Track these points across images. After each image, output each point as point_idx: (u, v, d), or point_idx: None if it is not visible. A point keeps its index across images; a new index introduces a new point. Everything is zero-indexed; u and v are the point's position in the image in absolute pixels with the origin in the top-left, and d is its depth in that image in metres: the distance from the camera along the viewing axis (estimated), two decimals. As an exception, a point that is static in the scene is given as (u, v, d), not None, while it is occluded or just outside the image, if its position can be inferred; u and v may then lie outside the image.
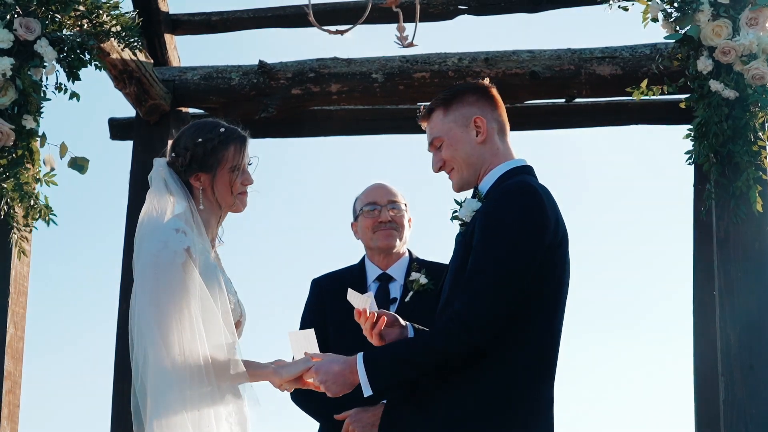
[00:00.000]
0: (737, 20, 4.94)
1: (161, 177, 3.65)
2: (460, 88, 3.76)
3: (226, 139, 3.68)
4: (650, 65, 5.84)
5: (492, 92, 3.73)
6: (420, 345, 3.49)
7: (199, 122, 3.77)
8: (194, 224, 3.60)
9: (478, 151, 3.64)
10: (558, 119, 6.62)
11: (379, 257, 4.68)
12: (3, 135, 4.90)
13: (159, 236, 3.55)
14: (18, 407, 4.98)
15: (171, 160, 3.70)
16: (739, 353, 4.87)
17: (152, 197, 3.63)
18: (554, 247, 3.48)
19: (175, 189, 3.63)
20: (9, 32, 4.95)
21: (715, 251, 5.05)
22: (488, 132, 3.65)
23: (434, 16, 6.39)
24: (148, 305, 3.49)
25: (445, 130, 3.68)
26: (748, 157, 4.89)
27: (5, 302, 4.95)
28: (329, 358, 3.59)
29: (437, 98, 3.75)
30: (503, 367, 3.42)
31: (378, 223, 4.66)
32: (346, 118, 6.74)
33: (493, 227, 3.44)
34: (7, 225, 4.93)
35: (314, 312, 4.67)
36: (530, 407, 3.45)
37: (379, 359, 3.49)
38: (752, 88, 4.92)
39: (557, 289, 3.52)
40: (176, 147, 3.70)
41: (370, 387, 3.45)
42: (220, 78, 6.33)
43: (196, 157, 3.65)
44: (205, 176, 3.66)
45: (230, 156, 3.67)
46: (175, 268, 3.48)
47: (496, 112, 3.69)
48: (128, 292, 6.05)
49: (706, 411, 5.88)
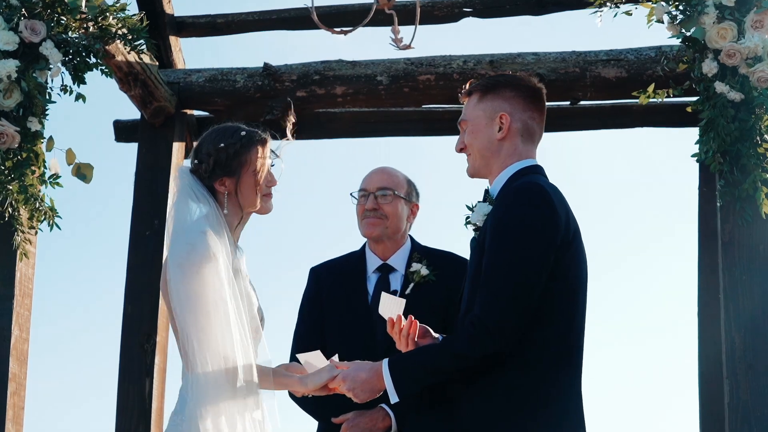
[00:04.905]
0: (742, 23, 4.93)
1: (186, 185, 3.67)
2: (502, 79, 3.77)
3: (248, 142, 3.71)
4: (655, 68, 5.83)
5: (534, 92, 3.73)
6: (444, 351, 3.51)
7: (220, 127, 3.79)
8: (219, 227, 3.62)
9: (495, 146, 3.66)
10: (563, 122, 6.62)
11: (375, 246, 4.62)
12: (8, 137, 4.90)
13: (186, 239, 3.58)
14: (23, 409, 4.98)
15: (194, 167, 3.73)
16: (744, 356, 4.86)
17: (179, 204, 3.65)
18: (567, 244, 3.50)
19: (201, 196, 3.65)
20: (14, 34, 4.95)
21: (719, 254, 5.05)
22: (510, 130, 3.66)
23: (439, 18, 6.39)
24: (181, 308, 3.51)
25: (473, 116, 3.71)
26: (755, 159, 4.89)
27: (10, 304, 4.95)
28: (356, 366, 3.62)
29: (481, 82, 3.77)
30: (528, 367, 3.44)
31: (365, 210, 4.61)
32: (350, 120, 6.74)
33: (504, 229, 3.46)
34: (11, 227, 4.93)
35: (312, 303, 4.63)
36: (559, 404, 3.47)
37: (405, 366, 3.53)
38: (758, 91, 4.91)
39: (575, 285, 3.54)
40: (198, 153, 3.73)
41: (396, 394, 3.49)
42: (225, 80, 6.33)
43: (219, 162, 3.68)
44: (230, 180, 3.68)
45: (253, 158, 3.70)
46: (203, 269, 3.50)
47: (527, 113, 3.69)
48: (133, 294, 6.13)
49: (710, 413, 5.88)
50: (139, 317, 6.05)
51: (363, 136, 6.92)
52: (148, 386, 6.04)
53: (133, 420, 6.02)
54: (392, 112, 6.67)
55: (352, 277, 4.60)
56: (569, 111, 6.52)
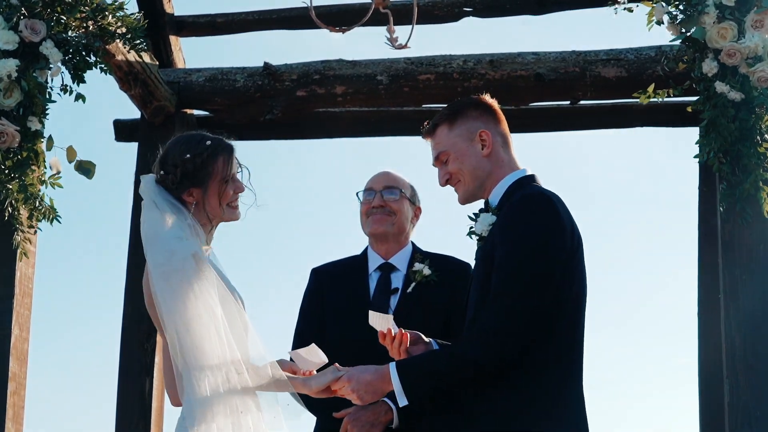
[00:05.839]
0: (743, 22, 4.93)
1: (150, 197, 3.63)
2: (462, 103, 3.84)
3: (214, 151, 3.67)
4: (655, 67, 5.84)
5: (494, 107, 3.81)
6: (454, 356, 3.53)
7: (183, 137, 3.74)
8: (194, 234, 3.59)
9: (483, 163, 3.71)
10: (563, 121, 6.62)
11: (378, 245, 4.60)
12: (8, 136, 4.90)
13: (165, 246, 3.53)
14: (23, 408, 4.98)
15: (160, 178, 3.65)
16: (744, 355, 4.86)
17: (148, 213, 3.62)
18: (572, 252, 3.55)
19: (167, 206, 3.60)
20: (14, 34, 4.95)
21: (720, 253, 5.05)
22: (493, 145, 3.72)
23: (439, 17, 6.40)
24: (170, 314, 3.47)
25: (450, 144, 3.75)
26: (756, 159, 4.89)
27: (10, 303, 4.95)
28: (360, 367, 3.62)
29: (441, 114, 3.83)
30: (536, 374, 3.47)
31: (371, 208, 4.60)
32: (350, 119, 6.74)
33: (514, 239, 3.51)
34: (11, 226, 4.93)
35: (313, 301, 4.63)
36: (564, 408, 3.50)
37: (414, 370, 3.54)
38: (758, 91, 4.91)
39: (578, 292, 3.59)
40: (164, 164, 3.66)
41: (406, 397, 3.49)
42: (225, 80, 6.33)
43: (186, 173, 3.63)
44: (197, 191, 3.64)
45: (220, 167, 3.66)
46: (186, 274, 3.48)
47: (499, 126, 3.77)
48: (133, 294, 6.12)
49: (710, 413, 5.88)
50: (138, 316, 6.05)
51: (363, 136, 6.92)
52: (148, 385, 6.04)
53: (133, 419, 6.02)
54: (392, 111, 6.67)
55: (353, 276, 4.60)
56: (569, 110, 6.52)
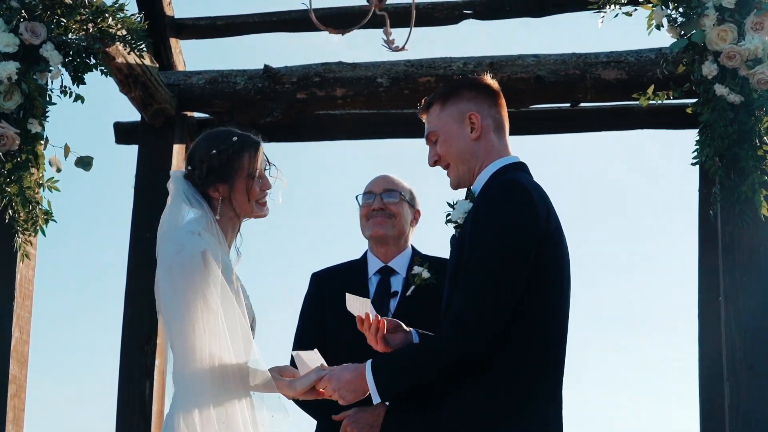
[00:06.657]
0: (742, 25, 4.93)
1: (180, 190, 3.66)
2: (459, 83, 3.75)
3: (241, 147, 3.70)
4: (655, 70, 5.83)
5: (491, 88, 3.69)
6: (423, 350, 3.49)
7: (211, 133, 3.78)
8: (212, 232, 3.61)
9: (472, 147, 3.61)
10: (563, 123, 6.62)
11: (378, 248, 4.59)
12: (8, 139, 4.90)
13: (175, 239, 3.57)
14: (23, 411, 4.98)
15: (188, 173, 3.72)
16: (744, 357, 4.86)
17: (171, 207, 3.65)
18: (547, 242, 3.45)
19: (195, 201, 3.65)
20: (15, 36, 4.96)
21: (720, 256, 5.05)
22: (483, 128, 3.61)
23: (439, 20, 6.40)
24: (169, 309, 3.50)
25: (440, 124, 3.67)
26: (754, 161, 4.88)
27: (10, 306, 4.95)
28: (340, 366, 3.59)
29: (436, 92, 3.73)
30: (510, 371, 3.39)
31: (371, 211, 4.59)
32: (351, 122, 6.74)
33: (482, 227, 3.42)
34: (11, 229, 4.94)
35: (313, 305, 4.63)
36: (540, 411, 3.42)
37: (386, 367, 3.49)
38: (757, 93, 4.91)
39: (557, 285, 3.49)
40: (192, 160, 3.72)
41: (378, 394, 3.46)
42: (225, 82, 6.33)
43: (212, 169, 3.67)
44: (223, 186, 3.68)
45: (246, 163, 3.70)
46: (192, 270, 3.49)
47: (493, 109, 3.66)
48: (133, 296, 6.12)
49: (710, 415, 5.88)
50: (139, 319, 6.05)
51: (363, 138, 6.93)
52: (149, 388, 6.04)
53: (134, 422, 6.02)
54: (392, 114, 6.67)
55: (353, 279, 4.59)
56: (569, 113, 6.52)
